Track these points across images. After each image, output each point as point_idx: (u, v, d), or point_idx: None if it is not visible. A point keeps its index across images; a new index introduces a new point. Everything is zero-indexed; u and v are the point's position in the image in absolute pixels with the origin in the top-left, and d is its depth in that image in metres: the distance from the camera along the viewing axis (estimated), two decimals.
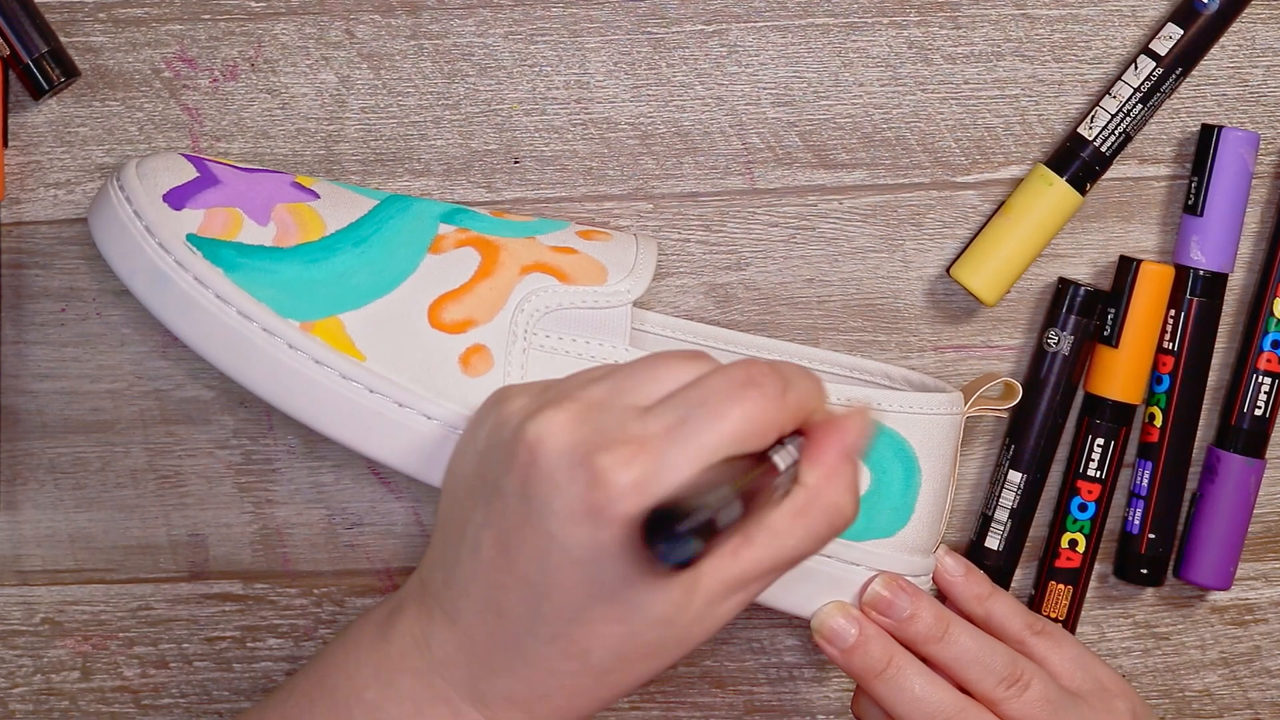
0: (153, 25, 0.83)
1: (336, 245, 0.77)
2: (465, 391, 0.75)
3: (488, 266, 0.77)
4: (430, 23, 0.83)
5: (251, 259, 0.76)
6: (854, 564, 0.78)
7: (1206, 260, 0.83)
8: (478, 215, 0.79)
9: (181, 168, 0.78)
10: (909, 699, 0.76)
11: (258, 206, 0.77)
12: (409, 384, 0.75)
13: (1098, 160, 0.83)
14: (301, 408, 0.76)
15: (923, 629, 0.77)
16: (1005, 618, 0.80)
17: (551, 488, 0.66)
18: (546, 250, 0.78)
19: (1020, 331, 0.85)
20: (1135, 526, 0.84)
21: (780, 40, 0.84)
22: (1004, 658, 0.77)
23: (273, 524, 0.85)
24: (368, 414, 0.75)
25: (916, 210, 0.84)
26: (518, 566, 0.67)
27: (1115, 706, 0.78)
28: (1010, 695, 0.76)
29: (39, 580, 0.85)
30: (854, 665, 0.77)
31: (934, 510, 0.79)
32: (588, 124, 0.84)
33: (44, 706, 0.85)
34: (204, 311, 0.75)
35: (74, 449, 0.85)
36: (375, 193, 0.80)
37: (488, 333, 0.76)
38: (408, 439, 0.75)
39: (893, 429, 0.78)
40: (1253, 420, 0.84)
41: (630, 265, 0.78)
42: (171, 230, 0.76)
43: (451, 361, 0.76)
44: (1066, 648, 0.79)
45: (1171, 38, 0.82)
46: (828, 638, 0.77)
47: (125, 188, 0.77)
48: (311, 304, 0.76)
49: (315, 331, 0.75)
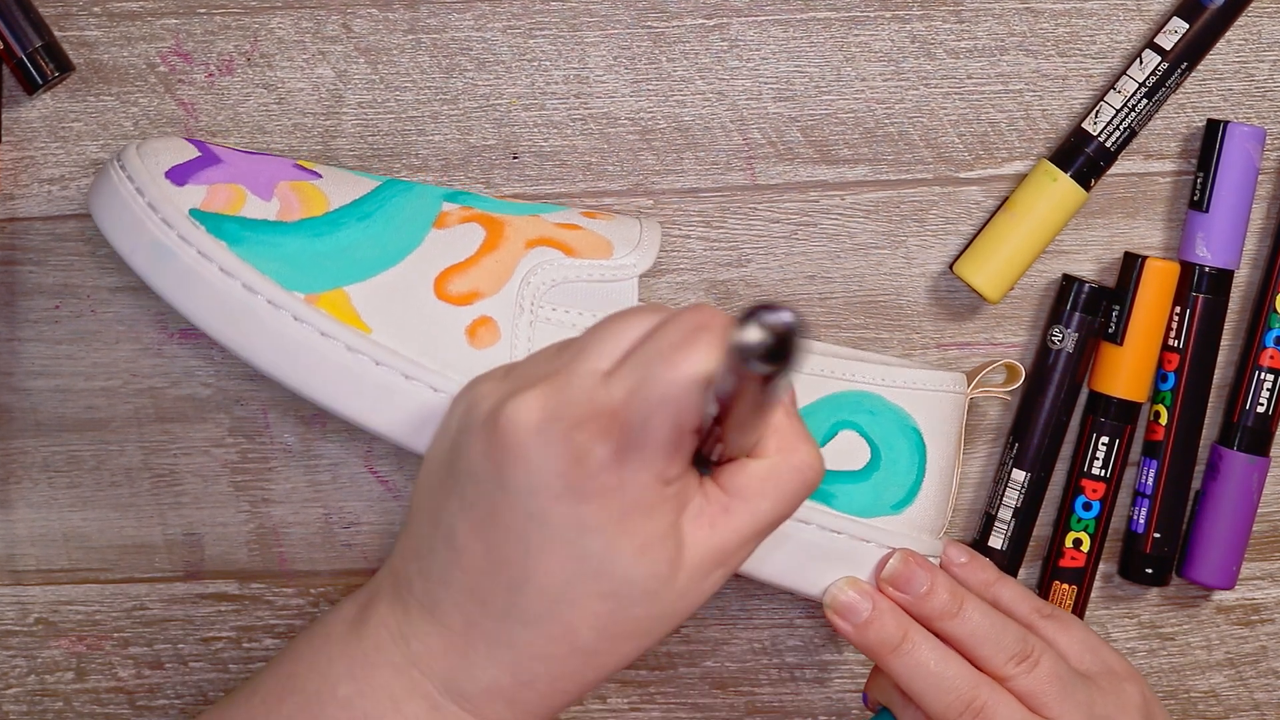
0: (147, 19, 0.83)
1: (340, 220, 0.77)
2: (472, 363, 0.75)
3: (493, 240, 0.77)
4: (428, 17, 0.83)
5: (255, 232, 0.76)
6: (864, 540, 0.78)
7: (1212, 257, 0.83)
8: (481, 196, 0.79)
9: (182, 148, 0.78)
10: (924, 674, 0.76)
11: (261, 183, 0.77)
12: (416, 356, 0.75)
13: (1102, 156, 0.82)
14: (307, 381, 0.75)
15: (938, 605, 0.77)
16: (1012, 602, 0.80)
17: (527, 468, 0.66)
18: (551, 226, 0.78)
19: (1024, 329, 0.85)
20: (1140, 525, 0.84)
21: (781, 34, 0.83)
22: (1015, 634, 0.77)
23: (269, 523, 0.85)
24: (374, 386, 0.75)
25: (919, 206, 0.84)
26: (497, 551, 0.67)
27: (1124, 689, 0.78)
28: (1020, 672, 0.76)
29: (33, 580, 0.85)
30: (869, 640, 0.77)
31: (940, 489, 0.79)
32: (587, 119, 0.84)
33: (38, 707, 0.85)
34: (208, 285, 0.75)
35: (68, 447, 0.84)
36: (377, 176, 0.80)
37: (494, 305, 0.76)
38: (414, 411, 0.75)
39: (898, 405, 0.78)
40: (1256, 418, 0.84)
41: (635, 241, 0.78)
42: (174, 206, 0.76)
43: (458, 333, 0.75)
44: (1074, 631, 0.80)
45: (1177, 32, 0.82)
46: (842, 612, 0.77)
47: (126, 167, 0.77)
48: (316, 276, 0.75)
49: (320, 304, 0.75)
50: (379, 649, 0.70)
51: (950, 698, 0.76)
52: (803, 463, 0.69)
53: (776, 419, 0.69)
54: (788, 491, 0.69)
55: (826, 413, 0.78)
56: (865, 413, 0.79)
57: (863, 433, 0.79)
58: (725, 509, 0.68)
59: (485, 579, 0.68)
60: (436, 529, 0.69)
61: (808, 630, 0.86)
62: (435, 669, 0.69)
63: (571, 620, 0.67)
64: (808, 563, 0.78)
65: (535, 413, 0.66)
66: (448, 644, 0.69)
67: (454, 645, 0.68)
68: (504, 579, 0.67)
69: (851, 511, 0.77)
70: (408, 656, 0.69)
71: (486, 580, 0.68)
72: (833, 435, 0.78)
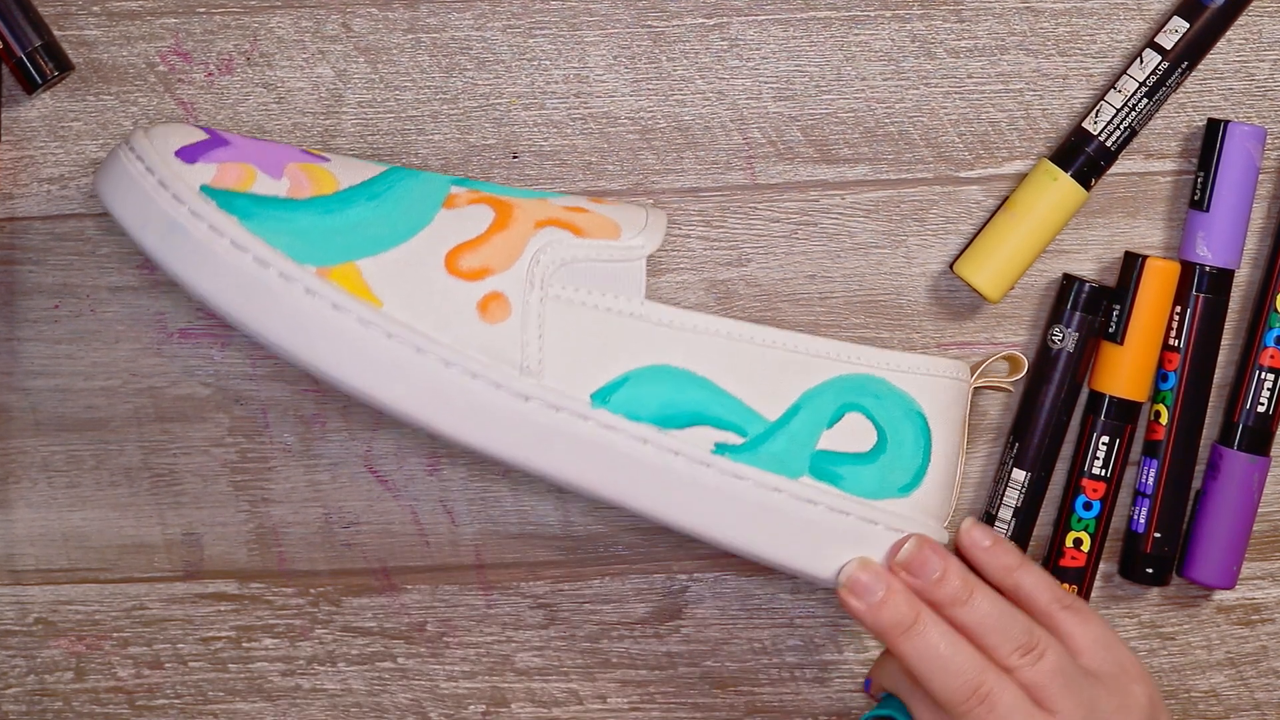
0: (147, 19, 0.83)
1: (351, 198, 0.77)
2: (484, 339, 0.75)
3: (502, 220, 0.77)
4: (428, 16, 0.83)
5: (266, 208, 0.75)
6: (871, 522, 0.78)
7: (1212, 256, 0.83)
8: (487, 183, 0.79)
9: (190, 131, 0.78)
10: (934, 656, 0.76)
11: (270, 163, 0.77)
12: (427, 330, 0.75)
13: (1103, 155, 0.82)
14: (318, 354, 0.75)
15: (949, 591, 0.77)
16: (1034, 589, 0.80)
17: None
18: (559, 209, 0.78)
19: (1024, 328, 0.85)
20: (1140, 525, 0.84)
21: (782, 34, 0.83)
22: (1022, 625, 0.77)
23: (268, 523, 0.85)
24: (385, 360, 0.75)
25: (919, 206, 0.84)
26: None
27: (1131, 691, 0.78)
28: (1024, 663, 0.76)
29: (32, 580, 0.85)
30: (882, 620, 0.77)
31: (946, 474, 0.79)
32: (587, 119, 0.83)
33: (37, 707, 0.85)
34: (219, 260, 0.75)
35: (68, 447, 0.84)
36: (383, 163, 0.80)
37: (505, 280, 0.76)
38: (425, 386, 0.75)
39: (903, 390, 0.78)
40: (1256, 417, 0.84)
41: (642, 224, 0.78)
42: (185, 182, 0.76)
43: (470, 308, 0.75)
44: (1092, 625, 0.79)
45: (1177, 31, 0.82)
46: (857, 591, 0.77)
47: (135, 148, 0.76)
48: (328, 250, 0.75)
49: (332, 277, 0.75)
50: None
51: (957, 682, 0.76)
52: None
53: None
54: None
55: (833, 394, 0.78)
56: (871, 396, 0.78)
57: (869, 415, 0.79)
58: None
59: None
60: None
61: (808, 630, 0.85)
62: None
63: None
64: (816, 543, 0.78)
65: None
66: None
67: None
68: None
69: (859, 493, 0.77)
70: None
71: None
72: (839, 417, 0.78)
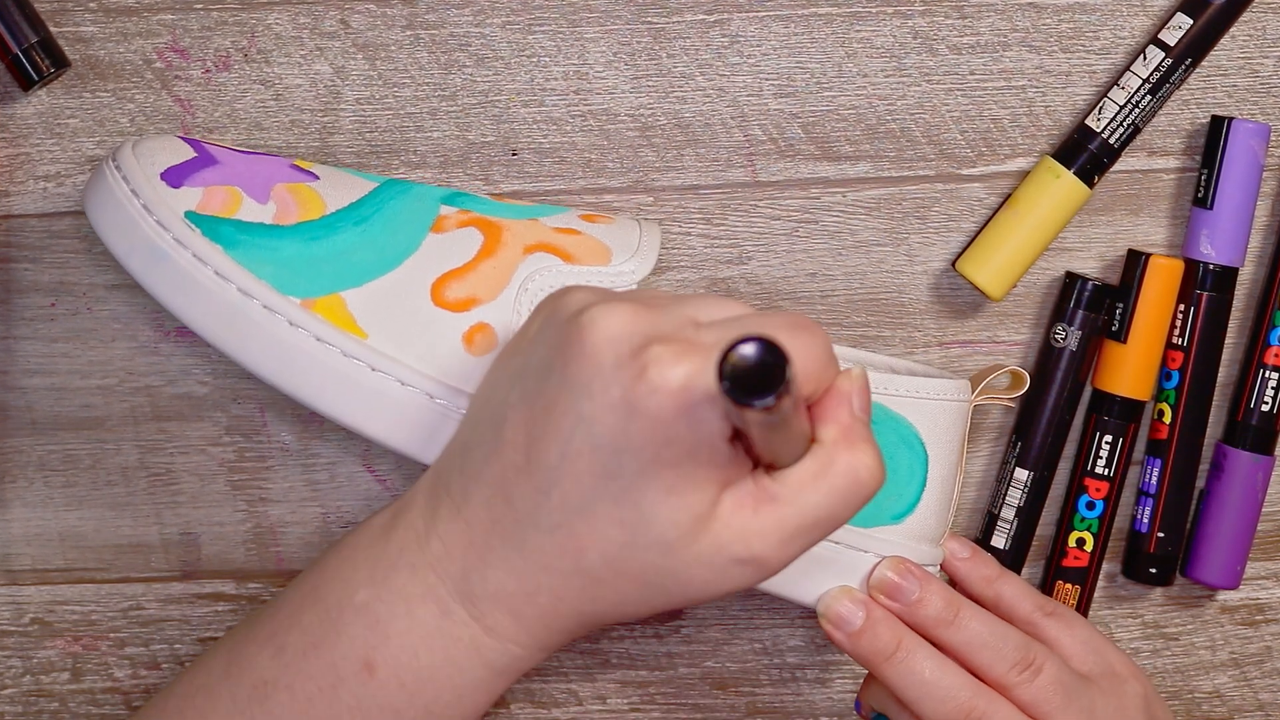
0: (144, 15, 0.83)
1: (337, 224, 0.76)
2: (469, 370, 0.75)
3: (490, 246, 0.76)
4: (426, 12, 0.83)
5: (251, 236, 0.75)
6: (862, 550, 0.78)
7: (1216, 254, 0.83)
8: (479, 198, 0.79)
9: (178, 148, 0.78)
10: (919, 683, 0.75)
11: (257, 185, 0.77)
12: (412, 362, 0.75)
13: (1106, 152, 0.82)
14: (302, 386, 0.75)
15: (932, 613, 0.77)
16: (1015, 599, 0.79)
17: (595, 370, 0.66)
18: (549, 231, 0.77)
19: (1027, 327, 0.84)
20: (1144, 525, 0.84)
21: (783, 30, 0.83)
22: (1015, 642, 0.76)
23: (266, 522, 0.84)
24: (369, 392, 0.75)
25: (921, 203, 0.84)
26: (537, 447, 0.68)
27: (1127, 690, 0.77)
28: (1022, 680, 0.76)
29: (28, 580, 0.85)
30: (862, 649, 0.76)
31: (941, 498, 0.79)
32: (587, 115, 0.83)
33: (33, 708, 0.85)
34: (203, 289, 0.75)
35: (64, 446, 0.84)
36: (375, 176, 0.80)
37: (491, 311, 0.76)
38: (410, 418, 0.75)
39: (899, 414, 0.78)
40: (1261, 416, 0.84)
41: (634, 247, 0.78)
42: (170, 208, 0.76)
43: (455, 339, 0.75)
44: (1078, 629, 0.79)
45: (1181, 28, 0.82)
46: (834, 622, 0.77)
47: (122, 167, 0.76)
48: (312, 281, 0.75)
49: (316, 309, 0.75)
50: (401, 550, 0.71)
51: (946, 708, 0.75)
52: (858, 462, 0.68)
53: (843, 417, 0.68)
54: (837, 489, 0.68)
55: None
56: None
57: None
58: (772, 498, 0.67)
59: (519, 477, 0.68)
60: (489, 418, 0.70)
61: (809, 630, 0.85)
62: (451, 570, 0.70)
63: (584, 537, 0.68)
64: (805, 572, 0.77)
65: (620, 321, 0.66)
66: (468, 542, 0.69)
67: (473, 544, 0.69)
68: (535, 480, 0.68)
69: (851, 522, 0.77)
70: (426, 558, 0.70)
71: (519, 479, 0.68)
72: None
